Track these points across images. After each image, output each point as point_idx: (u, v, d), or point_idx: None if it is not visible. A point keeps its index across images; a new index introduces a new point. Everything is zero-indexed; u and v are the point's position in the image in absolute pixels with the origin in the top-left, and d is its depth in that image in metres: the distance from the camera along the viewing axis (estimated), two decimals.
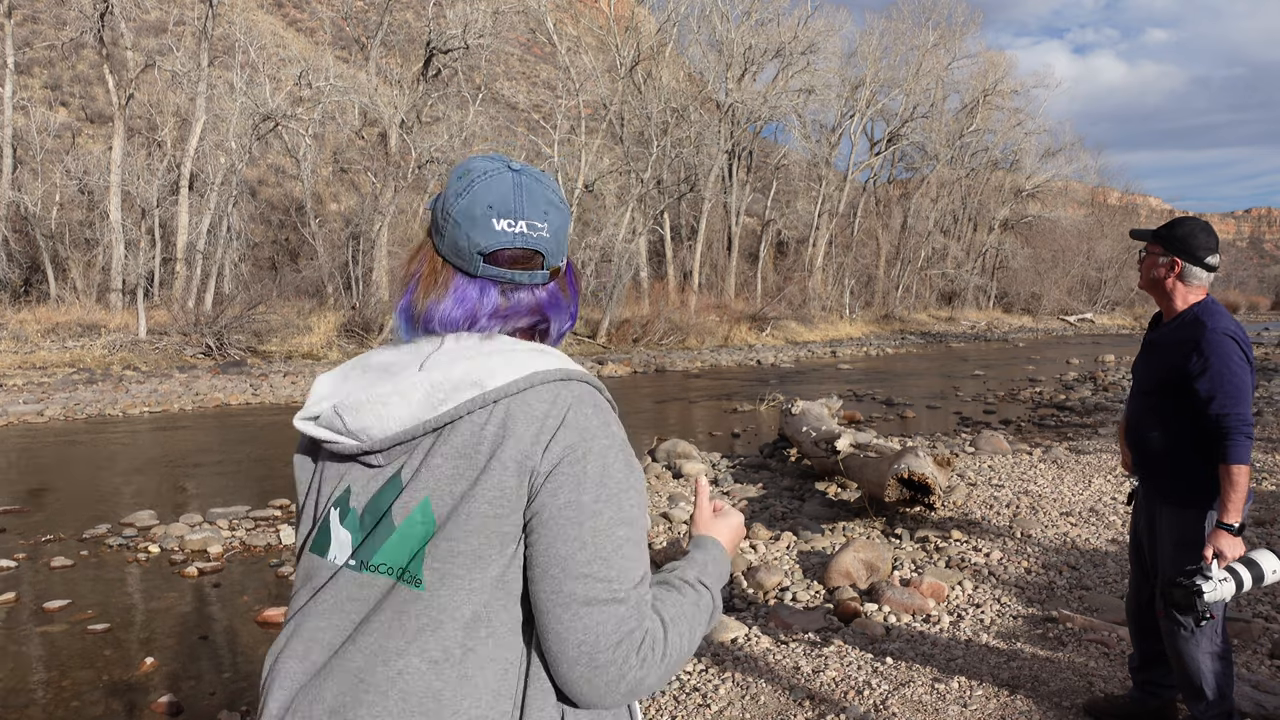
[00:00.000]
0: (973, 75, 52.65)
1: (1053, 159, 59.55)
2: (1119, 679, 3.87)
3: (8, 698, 4.42)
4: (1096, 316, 58.15)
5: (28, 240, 25.72)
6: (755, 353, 29.00)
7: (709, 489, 1.21)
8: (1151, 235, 3.12)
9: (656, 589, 1.17)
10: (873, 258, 48.54)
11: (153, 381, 17.92)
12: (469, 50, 29.68)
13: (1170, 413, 3.05)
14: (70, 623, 5.38)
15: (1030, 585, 5.27)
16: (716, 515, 1.36)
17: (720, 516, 1.36)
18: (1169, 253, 3.07)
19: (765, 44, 40.09)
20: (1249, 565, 2.87)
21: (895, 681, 3.86)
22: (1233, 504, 2.88)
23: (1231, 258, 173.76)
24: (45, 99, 41.34)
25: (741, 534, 1.36)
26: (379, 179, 28.33)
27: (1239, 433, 2.86)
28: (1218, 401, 2.88)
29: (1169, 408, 3.05)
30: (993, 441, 10.23)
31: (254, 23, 37.30)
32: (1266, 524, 6.36)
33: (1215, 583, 2.86)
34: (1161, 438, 3.10)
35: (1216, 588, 2.86)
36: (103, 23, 24.77)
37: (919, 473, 6.41)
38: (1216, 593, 2.85)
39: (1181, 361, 2.98)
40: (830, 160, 45.76)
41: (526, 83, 52.74)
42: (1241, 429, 2.86)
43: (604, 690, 1.06)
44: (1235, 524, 2.88)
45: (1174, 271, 3.07)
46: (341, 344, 23.78)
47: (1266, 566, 2.87)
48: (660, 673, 1.10)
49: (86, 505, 8.33)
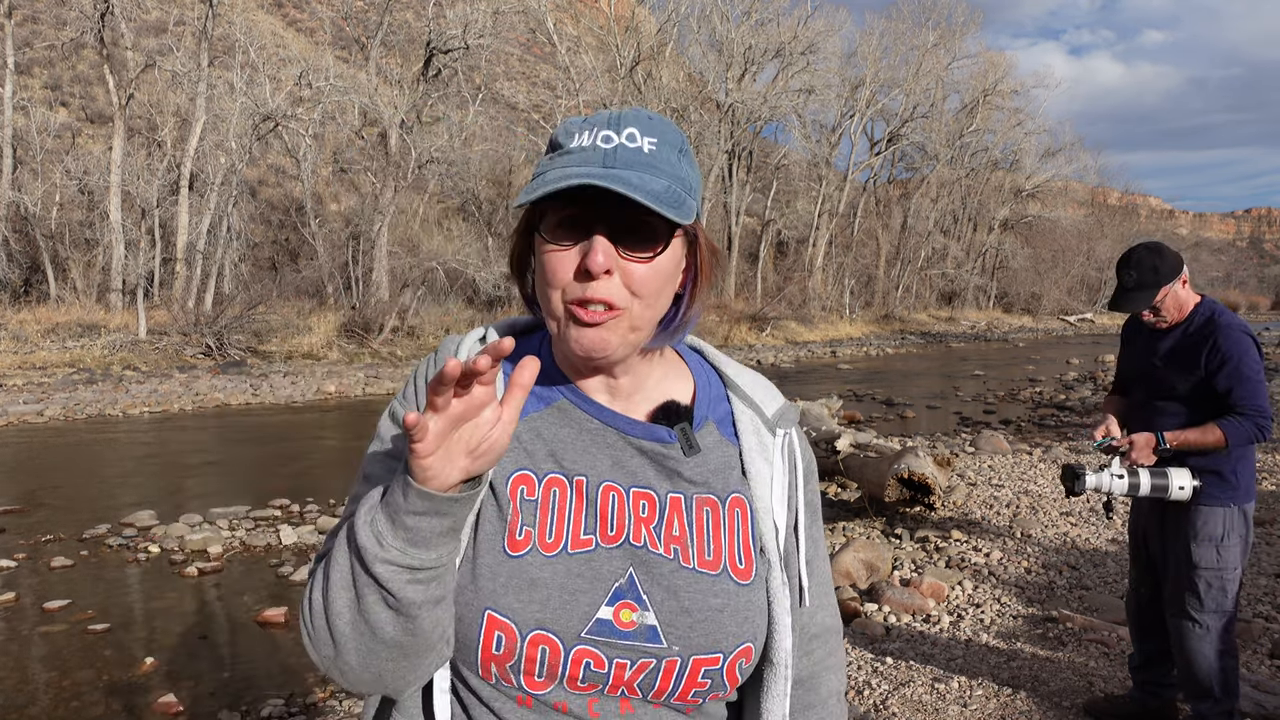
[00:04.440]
0: (972, 75, 52.71)
1: (1052, 159, 59.60)
2: (1119, 679, 3.87)
3: (8, 698, 4.42)
4: (1096, 316, 58.10)
5: (28, 240, 25.71)
6: (755, 353, 29.00)
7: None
8: (1148, 301, 3.15)
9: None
10: (873, 258, 48.54)
11: (153, 381, 17.92)
12: (469, 50, 29.66)
13: (1199, 420, 3.08)
14: (70, 623, 5.38)
15: (1030, 585, 5.27)
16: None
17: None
18: (1169, 282, 3.12)
19: (765, 44, 40.09)
20: (1156, 475, 3.06)
21: (895, 681, 3.86)
22: (1188, 437, 3.03)
23: (1231, 258, 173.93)
24: (45, 99, 41.35)
25: (483, 455, 0.83)
26: (379, 179, 28.32)
27: (1251, 420, 2.96)
28: (1235, 393, 2.99)
29: (1198, 416, 3.09)
30: (993, 441, 10.23)
31: (254, 23, 37.28)
32: (1266, 524, 6.36)
33: (1108, 475, 3.09)
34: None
35: (1105, 479, 3.09)
36: (103, 23, 24.76)
37: (919, 473, 6.41)
38: (1101, 483, 3.09)
39: (1203, 362, 3.05)
40: (830, 160, 45.77)
41: (526, 83, 52.74)
42: (1256, 419, 2.96)
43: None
44: (1168, 444, 3.04)
45: (1184, 288, 3.17)
46: (341, 344, 23.77)
47: (1174, 482, 3.04)
48: (307, 634, 0.92)
49: (86, 505, 8.33)
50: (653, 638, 0.95)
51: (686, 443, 1.02)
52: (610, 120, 0.98)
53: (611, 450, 1.01)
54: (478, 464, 0.83)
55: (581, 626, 0.93)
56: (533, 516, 0.97)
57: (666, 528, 0.98)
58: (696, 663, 0.96)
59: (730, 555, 1.01)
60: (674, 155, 0.98)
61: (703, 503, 1.02)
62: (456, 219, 36.54)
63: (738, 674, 1.00)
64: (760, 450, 1.07)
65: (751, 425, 1.08)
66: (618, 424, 1.02)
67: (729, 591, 0.99)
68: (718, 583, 0.99)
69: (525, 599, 0.93)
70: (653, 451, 1.01)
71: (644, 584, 0.96)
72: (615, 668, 0.94)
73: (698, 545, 1.00)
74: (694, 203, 0.98)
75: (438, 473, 0.82)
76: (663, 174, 0.95)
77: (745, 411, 1.09)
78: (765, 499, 1.05)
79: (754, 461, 1.06)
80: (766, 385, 1.14)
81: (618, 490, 0.99)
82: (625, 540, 0.97)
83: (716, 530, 1.01)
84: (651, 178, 0.94)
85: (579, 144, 0.96)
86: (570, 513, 0.98)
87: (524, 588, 0.94)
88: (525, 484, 0.98)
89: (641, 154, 0.95)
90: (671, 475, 1.01)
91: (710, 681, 0.97)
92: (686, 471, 1.02)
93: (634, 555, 0.97)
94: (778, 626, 1.03)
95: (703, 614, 0.97)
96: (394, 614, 0.86)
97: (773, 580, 1.03)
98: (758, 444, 1.07)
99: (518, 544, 0.95)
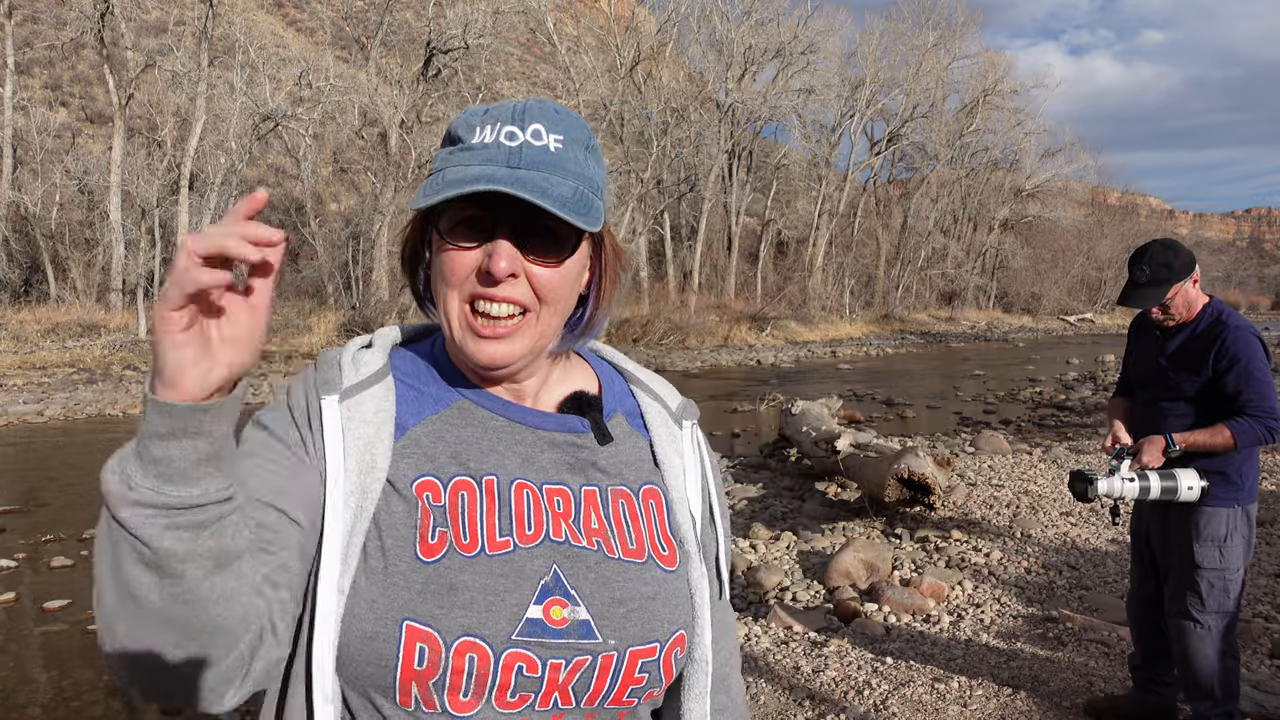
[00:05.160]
0: (972, 75, 52.78)
1: (1052, 159, 59.66)
2: (1119, 679, 3.87)
3: (8, 698, 4.42)
4: (1096, 316, 58.16)
5: (28, 240, 25.72)
6: (755, 353, 29.00)
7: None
8: (1159, 298, 3.12)
9: None
10: (873, 258, 48.55)
11: None
12: (469, 50, 29.67)
13: (1206, 422, 3.08)
14: (70, 623, 5.38)
15: (1030, 585, 5.27)
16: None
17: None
18: (1181, 280, 3.11)
19: (765, 44, 40.12)
20: (1165, 477, 3.04)
21: (895, 681, 3.86)
22: (1196, 439, 3.02)
23: (1231, 258, 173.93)
24: (45, 99, 41.37)
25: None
26: (379, 179, 28.33)
27: (1261, 422, 2.96)
28: (1245, 395, 2.99)
29: (1205, 417, 3.09)
30: (993, 441, 10.24)
31: (254, 23, 37.29)
32: (1267, 524, 6.36)
33: (1119, 479, 3.06)
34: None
35: (1116, 484, 3.06)
36: (103, 23, 24.77)
37: (919, 473, 6.41)
38: (1113, 488, 3.06)
39: (1211, 363, 3.05)
40: (830, 160, 45.80)
41: (526, 83, 52.74)
42: (1267, 420, 2.96)
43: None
44: (1176, 447, 3.03)
45: (1194, 288, 3.16)
46: (341, 344, 23.76)
47: (1182, 483, 3.03)
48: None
49: (87, 505, 8.33)
50: (587, 633, 0.89)
51: (600, 432, 0.99)
52: (514, 113, 0.92)
53: (520, 447, 0.96)
54: (242, 355, 0.71)
55: (511, 628, 0.87)
56: (444, 519, 0.90)
57: (585, 521, 0.94)
58: (633, 655, 0.91)
59: (653, 543, 0.98)
60: (580, 152, 0.94)
61: (617, 494, 0.98)
62: None
63: (673, 665, 0.96)
64: (670, 441, 1.05)
65: (660, 417, 1.06)
66: (526, 419, 0.97)
67: (658, 579, 0.96)
68: (645, 570, 0.95)
69: (447, 604, 0.86)
70: (565, 443, 0.97)
71: (570, 578, 0.91)
72: (549, 669, 0.87)
73: (619, 536, 0.96)
74: (601, 204, 0.94)
75: (192, 370, 0.69)
76: (570, 175, 0.91)
77: (651, 404, 1.07)
78: (680, 489, 1.02)
79: (665, 452, 1.03)
80: (666, 383, 1.12)
81: (530, 488, 0.94)
82: (545, 537, 0.92)
83: (635, 520, 0.98)
84: (559, 179, 0.89)
85: (480, 139, 0.91)
86: (482, 514, 0.91)
87: (444, 592, 0.86)
88: (430, 490, 0.91)
89: (547, 153, 0.90)
90: (585, 467, 0.98)
91: (647, 676, 0.93)
92: (601, 462, 0.98)
93: (555, 550, 0.92)
94: (698, 620, 0.99)
95: (636, 602, 0.93)
96: (154, 575, 0.70)
97: (692, 572, 1.00)
98: (667, 435, 1.05)
99: (431, 548, 0.88)
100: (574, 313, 0.99)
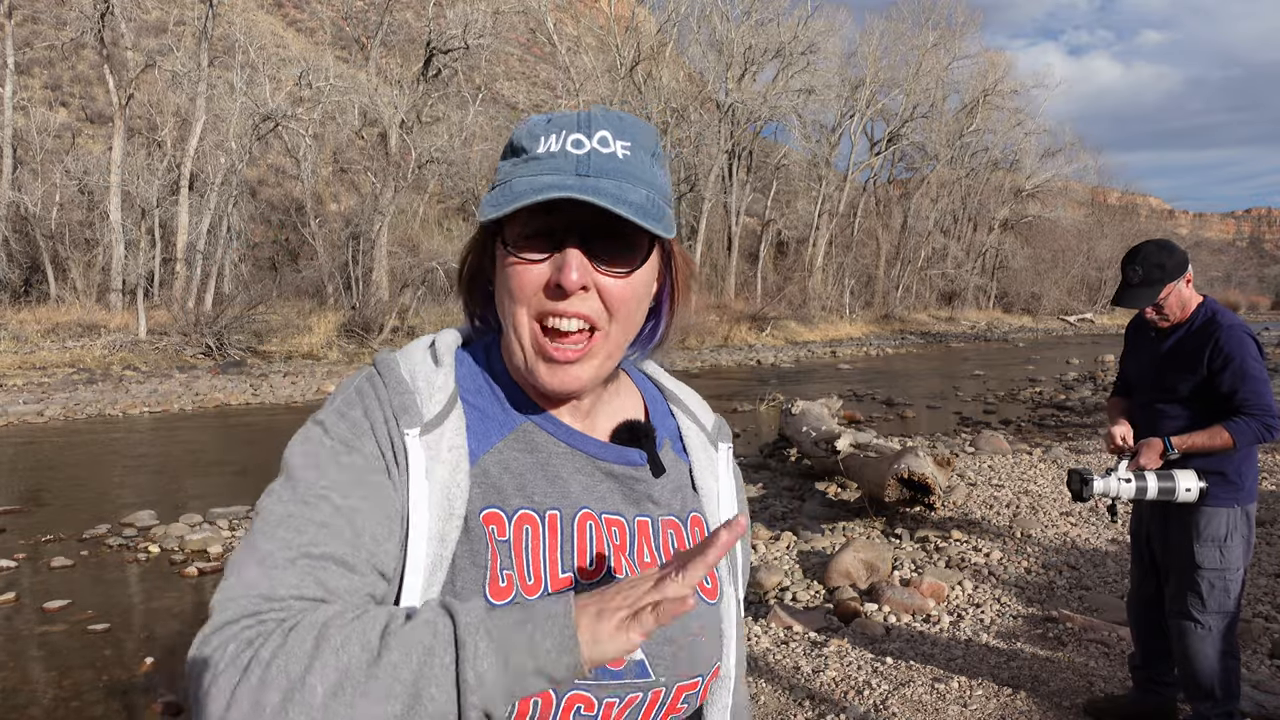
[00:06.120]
0: (972, 75, 52.77)
1: (1052, 159, 59.66)
2: (1119, 679, 3.87)
3: (8, 698, 4.42)
4: (1096, 316, 58.14)
5: (28, 240, 25.72)
6: (755, 353, 29.00)
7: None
8: (1152, 298, 3.13)
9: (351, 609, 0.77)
10: (873, 258, 48.56)
11: (153, 381, 17.92)
12: (469, 50, 29.67)
13: (1203, 422, 3.08)
14: (70, 623, 5.38)
15: (1030, 585, 5.27)
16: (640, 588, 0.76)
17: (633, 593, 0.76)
18: (1174, 280, 3.11)
19: (765, 44, 40.11)
20: (1163, 478, 3.04)
21: (895, 681, 3.86)
22: (1195, 441, 3.02)
23: (1231, 258, 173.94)
24: (45, 99, 41.35)
25: (621, 643, 0.73)
26: (379, 179, 28.33)
27: (1258, 420, 2.95)
28: (1241, 394, 2.98)
29: (1201, 418, 3.09)
30: (993, 441, 10.24)
31: (254, 23, 37.29)
32: (1267, 524, 6.36)
33: (1115, 479, 3.07)
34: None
35: (1113, 484, 3.07)
36: (103, 23, 24.77)
37: (919, 473, 6.41)
38: (1110, 488, 3.07)
39: (1205, 363, 3.05)
40: (830, 160, 45.79)
41: (526, 83, 52.71)
42: (1264, 419, 2.95)
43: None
44: (1174, 451, 3.04)
45: (1187, 287, 3.16)
46: (341, 344, 23.77)
47: (1180, 484, 3.03)
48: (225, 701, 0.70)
49: (86, 505, 8.33)
50: (641, 672, 0.90)
51: (656, 466, 0.98)
52: (579, 122, 0.90)
53: (580, 475, 0.95)
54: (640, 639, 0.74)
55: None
56: (509, 559, 0.88)
57: (639, 554, 0.94)
58: (679, 690, 0.93)
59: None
60: (648, 160, 0.92)
61: (667, 525, 0.98)
62: (456, 219, 36.58)
63: (709, 691, 0.98)
64: (709, 465, 1.04)
65: (699, 440, 1.05)
66: (587, 447, 0.96)
67: (703, 614, 0.97)
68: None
69: None
70: (623, 475, 0.96)
71: None
72: (604, 708, 0.88)
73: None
74: (671, 212, 0.92)
75: (620, 649, 0.73)
76: (640, 182, 0.89)
77: (690, 426, 1.06)
78: (715, 515, 1.02)
79: (703, 477, 1.03)
80: (700, 399, 1.11)
81: (593, 518, 0.93)
82: (606, 574, 0.92)
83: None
84: (630, 187, 0.87)
85: (547, 149, 0.89)
86: (545, 550, 0.90)
87: None
88: (496, 523, 0.89)
89: (615, 160, 0.88)
90: (640, 499, 0.97)
91: (687, 706, 0.95)
92: (655, 494, 0.98)
93: None
94: (727, 642, 1.01)
95: (684, 640, 0.94)
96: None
97: (727, 594, 1.02)
98: (706, 459, 1.05)
99: (501, 591, 0.87)
100: (644, 326, 0.98)
